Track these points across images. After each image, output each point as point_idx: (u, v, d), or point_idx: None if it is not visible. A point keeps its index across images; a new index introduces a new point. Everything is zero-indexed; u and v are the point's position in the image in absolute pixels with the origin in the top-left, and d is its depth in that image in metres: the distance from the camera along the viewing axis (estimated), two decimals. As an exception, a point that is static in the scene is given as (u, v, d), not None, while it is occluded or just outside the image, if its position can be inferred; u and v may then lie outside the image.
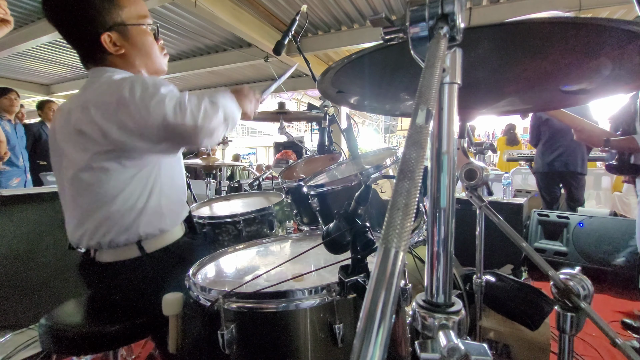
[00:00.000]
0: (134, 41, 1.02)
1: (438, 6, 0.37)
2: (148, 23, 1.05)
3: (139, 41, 1.03)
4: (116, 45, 0.99)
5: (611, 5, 3.55)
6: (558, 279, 0.65)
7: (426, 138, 0.29)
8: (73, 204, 0.99)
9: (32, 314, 1.91)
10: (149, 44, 1.06)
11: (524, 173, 5.16)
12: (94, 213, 0.96)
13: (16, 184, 3.45)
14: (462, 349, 0.35)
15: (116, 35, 0.98)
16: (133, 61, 1.04)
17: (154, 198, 0.99)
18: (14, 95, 3.43)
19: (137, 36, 1.02)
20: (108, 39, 0.97)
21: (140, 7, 1.04)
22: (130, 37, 1.01)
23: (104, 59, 1.01)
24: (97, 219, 0.96)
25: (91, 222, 0.96)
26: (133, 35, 1.01)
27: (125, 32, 1.00)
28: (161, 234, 1.02)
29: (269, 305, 0.66)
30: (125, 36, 1.00)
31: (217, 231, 1.36)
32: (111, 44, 0.98)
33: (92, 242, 0.97)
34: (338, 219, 0.69)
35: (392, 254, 0.24)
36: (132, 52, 1.02)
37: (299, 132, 13.96)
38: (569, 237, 2.73)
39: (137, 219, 0.97)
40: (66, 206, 1.03)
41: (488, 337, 1.32)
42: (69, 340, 0.90)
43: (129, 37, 1.01)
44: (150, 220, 0.99)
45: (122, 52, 1.00)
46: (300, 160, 1.85)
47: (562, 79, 0.59)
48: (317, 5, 4.06)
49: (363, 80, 0.66)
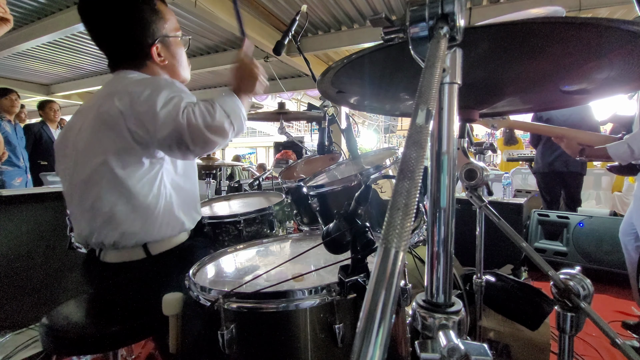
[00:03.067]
0: (173, 52, 1.09)
1: (438, 6, 0.37)
2: (183, 36, 1.13)
3: (177, 52, 1.10)
4: (161, 55, 1.06)
5: (611, 5, 3.54)
6: (558, 279, 0.65)
7: (426, 138, 0.29)
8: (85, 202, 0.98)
9: (32, 314, 1.91)
10: (183, 55, 1.13)
11: (524, 173, 5.15)
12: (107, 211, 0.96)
13: (19, 183, 3.46)
14: (462, 349, 0.35)
15: (161, 46, 1.05)
16: (170, 70, 1.10)
17: (167, 202, 1.01)
18: (14, 96, 3.44)
19: (176, 48, 1.10)
20: (156, 50, 1.04)
21: (175, 20, 1.11)
22: (171, 48, 1.08)
23: (143, 65, 1.05)
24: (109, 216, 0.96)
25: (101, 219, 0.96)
26: (173, 46, 1.09)
27: (168, 44, 1.07)
28: (169, 238, 1.04)
29: (269, 305, 0.66)
30: (167, 47, 1.07)
31: (218, 231, 1.36)
32: (157, 55, 1.05)
33: (100, 239, 0.98)
34: (338, 219, 0.69)
35: (392, 254, 0.24)
36: (172, 62, 1.09)
37: (299, 132, 13.95)
38: (569, 237, 2.73)
39: (147, 222, 0.98)
40: (76, 205, 1.02)
41: (488, 337, 1.32)
42: (69, 340, 0.90)
43: (169, 49, 1.08)
44: (162, 225, 1.00)
45: (166, 62, 1.07)
46: (300, 160, 1.86)
47: (562, 79, 0.59)
48: (317, 5, 4.06)
49: (363, 80, 0.66)
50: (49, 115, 3.92)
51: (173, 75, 1.12)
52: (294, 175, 1.78)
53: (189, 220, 1.09)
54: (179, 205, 1.05)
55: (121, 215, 0.96)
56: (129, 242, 0.98)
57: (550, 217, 2.89)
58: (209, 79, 6.97)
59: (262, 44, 4.47)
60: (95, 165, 0.94)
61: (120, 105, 0.91)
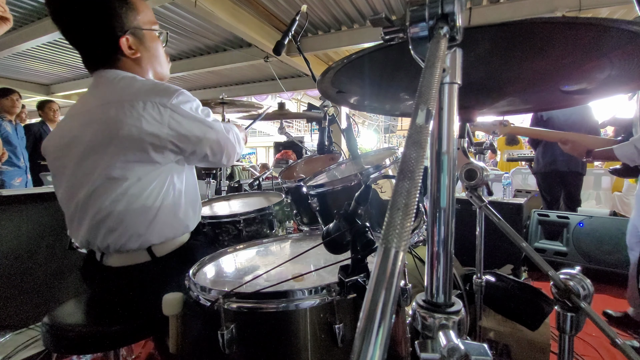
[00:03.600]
0: (147, 46, 1.06)
1: (438, 6, 0.37)
2: (160, 30, 1.10)
3: (151, 46, 1.07)
4: (132, 48, 1.02)
5: (611, 5, 3.54)
6: (558, 279, 0.65)
7: (426, 138, 0.29)
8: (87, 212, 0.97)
9: (32, 314, 1.91)
10: (159, 50, 1.10)
11: (524, 173, 5.15)
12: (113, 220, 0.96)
13: (18, 183, 3.46)
14: (462, 349, 0.35)
15: (132, 39, 1.01)
16: (145, 65, 1.07)
17: (172, 204, 1.01)
18: (16, 96, 3.44)
19: (150, 41, 1.06)
20: (126, 42, 1.00)
21: (150, 14, 1.08)
22: (144, 41, 1.05)
23: (116, 60, 1.02)
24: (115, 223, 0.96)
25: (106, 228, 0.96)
26: (146, 39, 1.05)
27: (140, 36, 1.04)
28: (172, 239, 1.04)
29: (269, 305, 0.66)
30: (140, 40, 1.04)
31: (218, 231, 1.36)
32: (127, 47, 1.01)
33: (106, 244, 0.98)
34: (338, 219, 0.69)
35: (392, 254, 0.24)
36: (145, 55, 1.06)
37: (299, 132, 13.95)
38: (569, 237, 2.73)
39: (152, 223, 0.98)
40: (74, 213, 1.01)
41: (488, 337, 1.32)
42: (70, 339, 0.90)
43: (143, 42, 1.04)
44: (165, 226, 1.00)
45: (138, 55, 1.04)
46: (300, 160, 1.86)
47: (562, 79, 0.59)
48: (317, 5, 4.06)
49: (363, 80, 0.66)
50: (49, 115, 3.92)
51: (149, 71, 1.09)
52: (294, 175, 1.78)
53: (192, 221, 1.10)
54: (184, 206, 1.05)
55: (128, 221, 0.96)
56: (134, 245, 0.98)
57: (550, 217, 2.89)
58: (209, 79, 6.97)
59: (262, 44, 4.47)
60: (100, 179, 0.94)
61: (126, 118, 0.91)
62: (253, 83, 7.12)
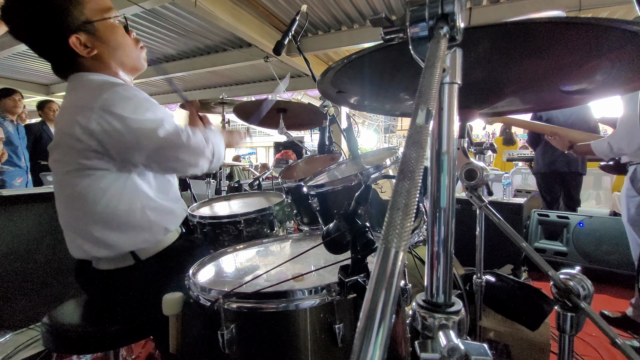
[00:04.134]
0: (104, 38, 0.94)
1: (438, 6, 0.37)
2: (114, 16, 0.97)
3: (108, 37, 0.95)
4: (87, 46, 0.93)
5: (611, 5, 3.54)
6: (558, 279, 0.65)
7: (426, 138, 0.29)
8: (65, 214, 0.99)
9: (32, 314, 1.91)
10: (120, 39, 0.98)
11: (524, 173, 5.15)
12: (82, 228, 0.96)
13: (19, 183, 3.46)
14: (462, 349, 0.35)
15: (85, 36, 0.92)
16: (108, 61, 0.97)
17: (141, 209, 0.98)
18: (18, 96, 3.44)
19: (106, 32, 0.95)
20: (77, 41, 0.91)
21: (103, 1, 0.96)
22: (99, 34, 0.94)
23: (78, 63, 0.95)
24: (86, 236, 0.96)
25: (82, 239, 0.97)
26: (101, 31, 0.94)
27: (93, 30, 0.93)
28: (155, 243, 1.03)
29: (269, 305, 0.66)
30: (93, 35, 0.93)
31: (218, 231, 1.36)
32: (81, 47, 0.92)
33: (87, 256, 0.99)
34: (338, 219, 0.69)
35: (392, 254, 0.24)
36: (104, 50, 0.95)
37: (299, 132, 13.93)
38: (569, 237, 2.73)
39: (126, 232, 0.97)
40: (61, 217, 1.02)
41: (488, 337, 1.32)
42: (70, 339, 0.91)
43: (98, 35, 0.93)
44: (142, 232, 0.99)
45: (95, 52, 0.94)
46: (300, 160, 1.85)
47: (562, 79, 0.59)
48: (317, 5, 4.06)
49: (363, 80, 0.66)
50: (48, 115, 3.91)
51: (116, 66, 0.99)
52: (294, 175, 1.78)
53: (170, 222, 1.06)
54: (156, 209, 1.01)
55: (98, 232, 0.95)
56: (116, 252, 0.98)
57: (550, 217, 2.89)
58: (209, 79, 6.97)
59: (262, 44, 4.47)
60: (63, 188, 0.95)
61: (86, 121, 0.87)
62: (253, 83, 7.12)
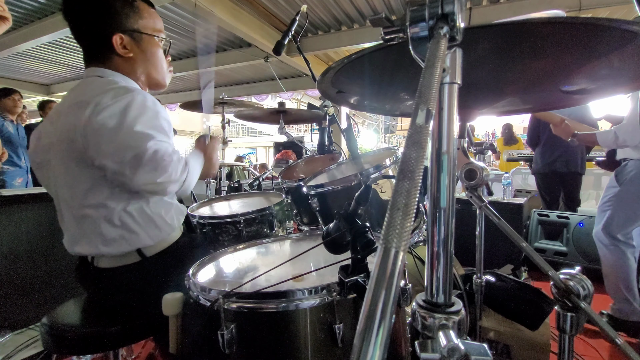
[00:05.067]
0: (143, 49, 1.06)
1: (438, 6, 0.37)
2: (162, 37, 1.10)
3: (148, 49, 1.07)
4: (126, 48, 1.02)
5: (611, 5, 3.54)
6: (558, 279, 0.65)
7: (426, 138, 0.29)
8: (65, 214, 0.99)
9: (32, 314, 1.90)
10: (157, 55, 1.10)
11: (524, 173, 5.15)
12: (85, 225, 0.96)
13: (19, 183, 3.46)
14: (462, 349, 0.35)
15: (128, 39, 1.02)
16: (137, 67, 1.06)
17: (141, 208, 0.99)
18: (17, 96, 3.45)
19: (148, 45, 1.06)
20: (119, 40, 1.00)
21: (158, 22, 1.09)
22: (142, 44, 1.05)
23: (109, 58, 1.02)
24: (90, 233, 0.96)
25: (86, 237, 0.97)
26: (144, 43, 1.06)
27: (138, 39, 1.04)
28: (160, 240, 1.03)
29: (269, 305, 0.66)
30: (137, 42, 1.04)
31: (218, 231, 1.36)
32: (121, 46, 1.01)
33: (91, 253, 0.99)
34: (338, 219, 0.69)
35: (392, 254, 0.24)
36: (139, 57, 1.05)
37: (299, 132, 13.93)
38: (569, 237, 2.73)
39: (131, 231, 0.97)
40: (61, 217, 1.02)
41: (488, 337, 1.32)
42: (69, 339, 0.90)
43: (140, 44, 1.05)
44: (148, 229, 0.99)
45: (130, 55, 1.03)
46: (300, 160, 1.85)
47: (562, 79, 0.59)
48: (317, 5, 4.06)
49: (363, 80, 0.66)
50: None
51: (143, 74, 1.08)
52: (294, 175, 1.78)
53: (176, 218, 1.08)
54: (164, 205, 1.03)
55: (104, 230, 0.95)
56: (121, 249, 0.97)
57: (550, 217, 2.88)
58: (209, 79, 6.96)
59: (262, 44, 4.48)
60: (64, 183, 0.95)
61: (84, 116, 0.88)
62: (253, 83, 7.12)
